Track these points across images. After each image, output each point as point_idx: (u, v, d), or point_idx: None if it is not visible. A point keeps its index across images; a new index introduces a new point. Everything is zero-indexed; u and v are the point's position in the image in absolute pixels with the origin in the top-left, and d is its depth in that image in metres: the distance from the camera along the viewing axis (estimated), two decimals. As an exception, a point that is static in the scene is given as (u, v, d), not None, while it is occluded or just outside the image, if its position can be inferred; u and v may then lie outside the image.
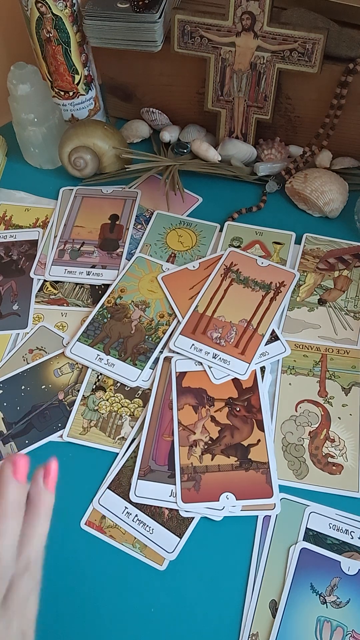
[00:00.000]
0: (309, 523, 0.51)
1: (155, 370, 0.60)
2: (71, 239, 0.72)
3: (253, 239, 0.71)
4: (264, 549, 0.50)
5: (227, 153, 0.77)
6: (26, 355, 0.63)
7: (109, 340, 0.63)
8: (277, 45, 0.67)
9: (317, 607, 0.47)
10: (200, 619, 0.48)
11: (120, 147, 0.76)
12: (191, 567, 0.50)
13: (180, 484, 0.53)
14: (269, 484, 0.53)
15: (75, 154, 0.75)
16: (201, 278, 0.67)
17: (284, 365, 0.61)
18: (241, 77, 0.71)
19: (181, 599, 0.49)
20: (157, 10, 0.67)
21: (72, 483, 0.55)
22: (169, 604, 0.48)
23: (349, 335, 0.63)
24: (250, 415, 0.57)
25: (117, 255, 0.71)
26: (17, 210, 0.77)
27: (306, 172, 0.73)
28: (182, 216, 0.75)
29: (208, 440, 0.56)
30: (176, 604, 0.48)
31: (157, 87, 0.80)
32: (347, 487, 0.53)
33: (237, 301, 0.64)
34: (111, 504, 0.53)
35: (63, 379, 0.61)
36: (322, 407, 0.58)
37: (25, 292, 0.68)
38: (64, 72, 0.76)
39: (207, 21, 0.67)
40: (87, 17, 0.69)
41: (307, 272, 0.68)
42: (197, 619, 0.48)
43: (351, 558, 0.49)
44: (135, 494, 0.53)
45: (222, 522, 0.52)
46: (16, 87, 0.72)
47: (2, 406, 0.59)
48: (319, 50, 0.65)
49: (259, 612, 0.47)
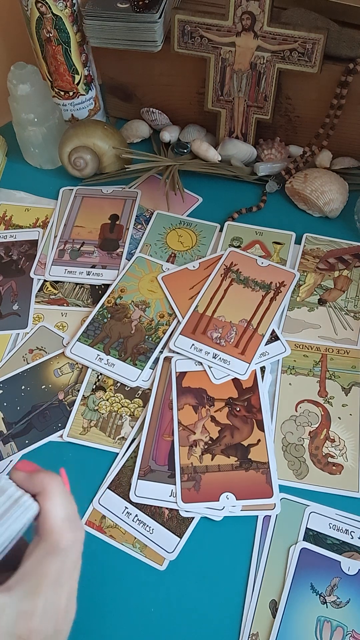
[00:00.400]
0: (309, 523, 0.51)
1: (155, 370, 0.60)
2: (71, 239, 0.72)
3: (253, 239, 0.71)
4: (264, 549, 0.50)
5: (227, 153, 0.77)
6: (26, 355, 0.63)
7: (109, 340, 0.63)
8: (277, 45, 0.67)
9: (317, 607, 0.47)
10: (200, 619, 0.48)
11: (120, 147, 0.76)
12: (191, 567, 0.50)
13: (180, 484, 0.53)
14: (269, 484, 0.53)
15: (75, 154, 0.75)
16: (201, 278, 0.67)
17: (284, 365, 0.61)
18: (241, 77, 0.71)
19: (181, 599, 0.49)
20: (157, 10, 0.67)
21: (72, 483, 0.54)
22: (169, 604, 0.48)
23: (349, 335, 0.63)
24: (250, 415, 0.57)
25: (117, 255, 0.71)
26: (17, 210, 0.77)
27: (306, 172, 0.73)
28: (182, 216, 0.75)
29: (208, 440, 0.56)
30: (176, 604, 0.48)
31: (157, 87, 0.80)
32: (347, 487, 0.53)
33: (237, 301, 0.64)
34: (111, 504, 0.53)
35: (63, 379, 0.61)
36: (322, 407, 0.58)
37: (25, 292, 0.68)
38: (64, 72, 0.76)
39: (207, 21, 0.67)
40: (87, 17, 0.69)
41: (307, 272, 0.68)
42: (197, 618, 0.48)
43: (351, 558, 0.49)
44: (135, 494, 0.53)
45: (222, 522, 0.52)
46: (16, 87, 0.72)
47: (2, 406, 0.59)
48: (319, 50, 0.65)
49: (259, 612, 0.47)
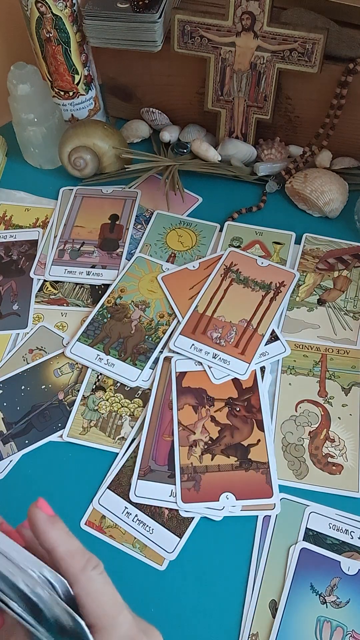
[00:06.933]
0: (309, 523, 0.51)
1: (155, 370, 0.60)
2: (71, 239, 0.72)
3: (253, 239, 0.71)
4: (264, 549, 0.50)
5: (227, 153, 0.77)
6: (26, 355, 0.63)
7: (109, 340, 0.63)
8: (277, 45, 0.67)
9: (317, 607, 0.47)
10: (200, 619, 0.48)
11: (120, 147, 0.76)
12: (191, 567, 0.50)
13: (180, 484, 0.53)
14: (269, 484, 0.53)
15: (75, 154, 0.75)
16: (201, 278, 0.67)
17: (284, 365, 0.61)
18: (241, 77, 0.71)
19: (181, 599, 0.49)
20: (157, 10, 0.67)
21: (72, 483, 0.55)
22: (169, 604, 0.48)
23: (348, 335, 0.63)
24: (250, 415, 0.57)
25: (117, 255, 0.71)
26: (17, 210, 0.77)
27: (306, 172, 0.73)
28: (182, 216, 0.75)
29: (208, 440, 0.56)
30: (176, 604, 0.48)
31: (157, 87, 0.80)
32: (347, 487, 0.53)
33: (237, 301, 0.64)
34: (111, 504, 0.53)
35: (63, 379, 0.61)
36: (322, 407, 0.58)
37: (25, 292, 0.68)
38: (64, 72, 0.76)
39: (207, 21, 0.67)
40: (87, 17, 0.69)
41: (307, 272, 0.68)
42: (197, 619, 0.48)
43: (351, 558, 0.49)
44: (135, 494, 0.53)
45: (222, 522, 0.52)
46: (16, 87, 0.72)
47: (2, 406, 0.59)
48: (319, 50, 0.65)
49: (259, 612, 0.47)
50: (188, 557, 0.50)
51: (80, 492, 0.54)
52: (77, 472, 0.55)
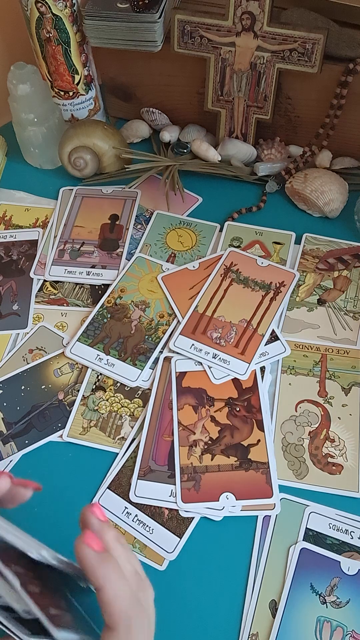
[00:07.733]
0: (309, 523, 0.51)
1: (155, 370, 0.60)
2: (71, 239, 0.72)
3: (253, 239, 0.71)
4: (263, 549, 0.50)
5: (227, 153, 0.77)
6: (26, 355, 0.63)
7: (109, 340, 0.63)
8: (277, 45, 0.67)
9: (317, 607, 0.47)
10: (200, 618, 0.48)
11: (120, 147, 0.76)
12: (191, 567, 0.50)
13: (180, 484, 0.53)
14: (268, 484, 0.53)
15: (75, 154, 0.75)
16: (201, 278, 0.67)
17: (284, 365, 0.61)
18: (241, 77, 0.71)
19: (181, 599, 0.49)
20: (157, 10, 0.67)
21: (72, 483, 0.55)
22: (169, 604, 0.48)
23: (348, 335, 0.63)
24: (250, 415, 0.57)
25: (117, 255, 0.71)
26: (17, 210, 0.77)
27: (306, 172, 0.73)
28: (182, 216, 0.75)
29: (208, 440, 0.56)
30: (176, 604, 0.48)
31: (157, 87, 0.80)
32: (347, 487, 0.53)
33: (237, 301, 0.64)
34: (111, 504, 0.53)
35: (63, 379, 0.61)
36: (322, 407, 0.58)
37: (25, 292, 0.68)
38: (64, 72, 0.76)
39: (207, 21, 0.67)
40: (87, 17, 0.69)
41: (307, 272, 0.68)
42: (197, 618, 0.48)
43: (351, 558, 0.49)
44: (135, 494, 0.53)
45: (222, 522, 0.52)
46: (16, 87, 0.72)
47: (2, 406, 0.59)
48: (319, 50, 0.65)
49: (259, 612, 0.47)
50: (188, 557, 0.50)
51: (81, 492, 0.54)
52: (77, 472, 0.55)
